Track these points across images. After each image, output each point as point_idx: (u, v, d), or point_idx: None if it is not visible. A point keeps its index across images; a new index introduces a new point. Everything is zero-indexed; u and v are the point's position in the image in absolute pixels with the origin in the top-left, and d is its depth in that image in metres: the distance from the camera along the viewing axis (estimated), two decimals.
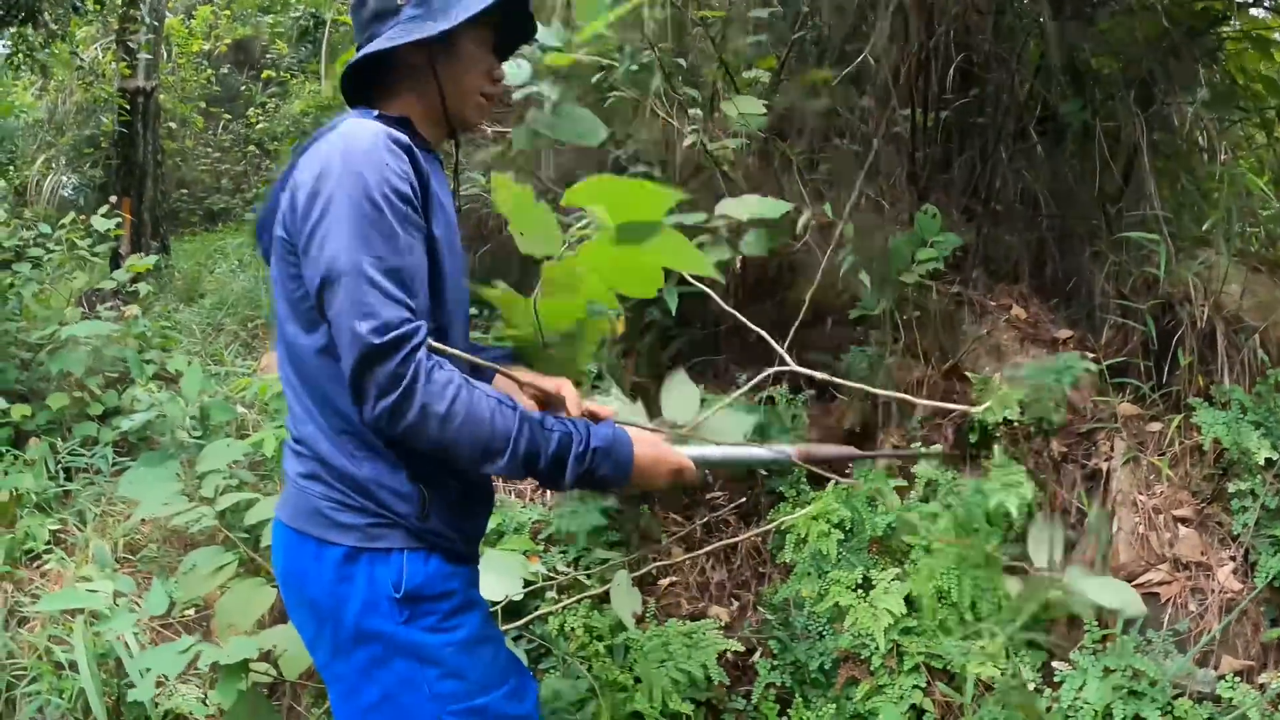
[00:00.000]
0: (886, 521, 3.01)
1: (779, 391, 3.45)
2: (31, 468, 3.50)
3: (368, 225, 1.36)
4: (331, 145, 1.43)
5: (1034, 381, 3.19)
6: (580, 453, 1.43)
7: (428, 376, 1.33)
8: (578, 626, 2.82)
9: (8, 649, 2.84)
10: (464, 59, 1.59)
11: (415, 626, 1.46)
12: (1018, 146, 3.99)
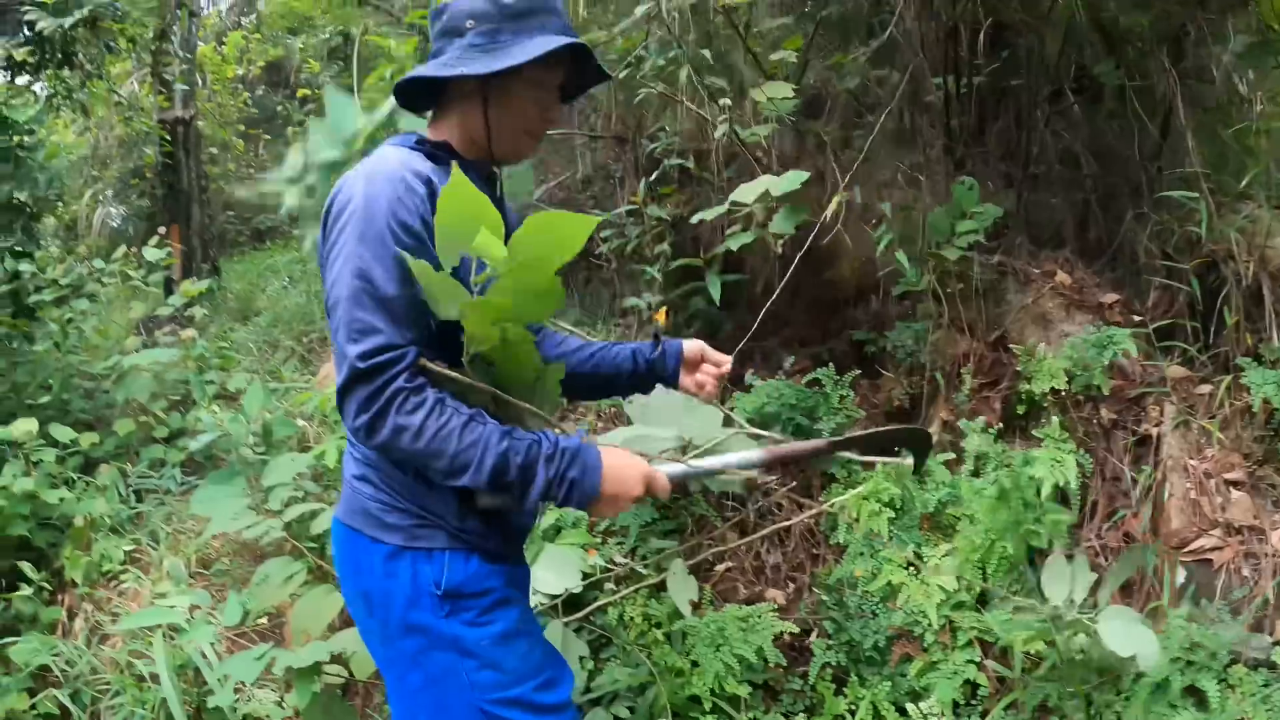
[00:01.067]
0: (937, 497, 3.12)
1: (825, 373, 3.55)
2: (103, 493, 3.78)
3: (370, 257, 1.51)
4: (358, 175, 1.60)
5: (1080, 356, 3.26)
6: (550, 454, 1.55)
7: (403, 399, 1.48)
8: (636, 615, 2.98)
9: (91, 665, 3.09)
10: (514, 97, 1.70)
11: (455, 620, 1.64)
12: (1054, 109, 4.04)
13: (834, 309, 4.14)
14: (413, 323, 1.53)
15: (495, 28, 1.64)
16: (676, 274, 3.78)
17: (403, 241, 1.52)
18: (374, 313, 1.49)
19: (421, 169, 1.60)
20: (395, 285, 1.51)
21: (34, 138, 4.68)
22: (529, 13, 1.66)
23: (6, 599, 3.39)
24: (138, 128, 7.48)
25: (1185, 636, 2.54)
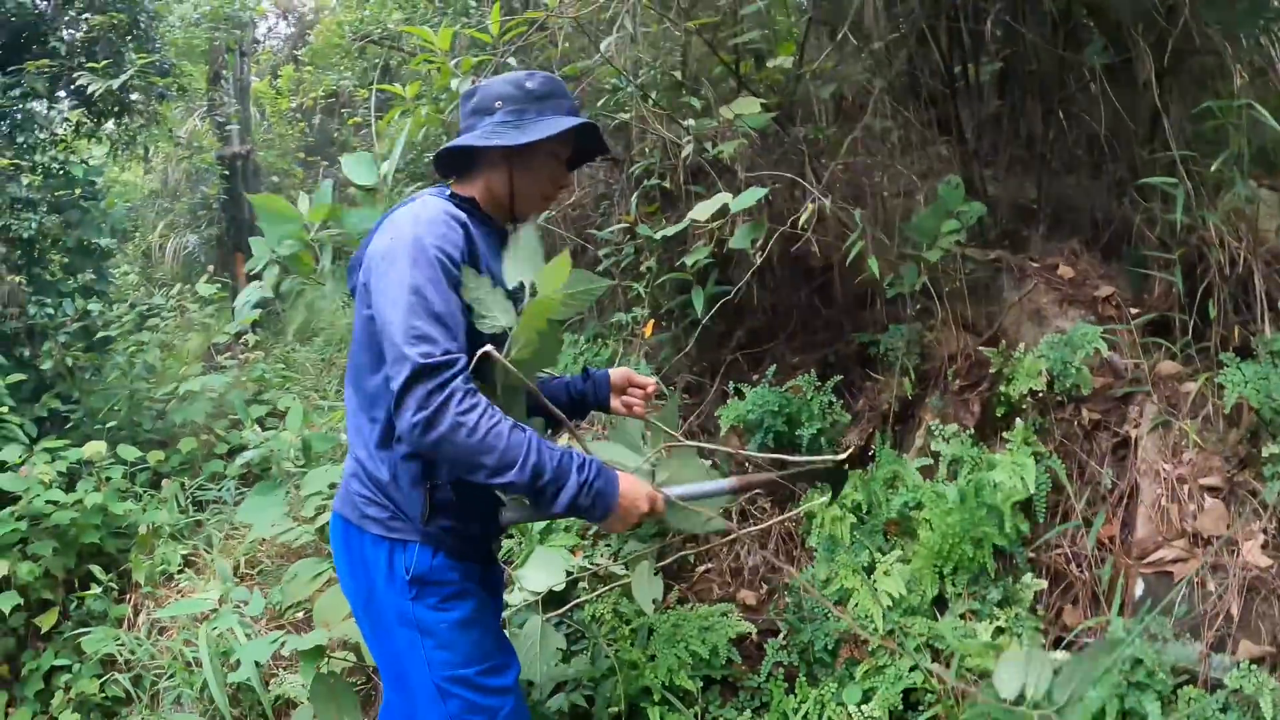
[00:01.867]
0: (902, 501, 3.28)
1: (806, 379, 3.74)
2: (165, 504, 4.41)
3: (423, 278, 1.87)
4: (405, 214, 2.00)
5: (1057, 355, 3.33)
6: (580, 464, 1.87)
7: (461, 398, 1.79)
8: (607, 612, 3.31)
9: (150, 653, 3.68)
10: (535, 166, 2.13)
11: (420, 604, 2.07)
12: (1068, 91, 4.06)
13: (840, 311, 4.28)
14: (460, 341, 1.87)
15: (521, 108, 2.08)
16: (673, 287, 4.03)
17: (448, 268, 1.90)
18: (430, 323, 1.83)
19: (458, 213, 2.02)
20: (444, 303, 1.86)
21: (95, 187, 5.37)
22: (548, 95, 2.10)
23: (80, 597, 4.08)
24: (199, 164, 8.27)
25: (1128, 654, 2.57)
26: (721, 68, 3.80)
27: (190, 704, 3.56)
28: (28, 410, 4.89)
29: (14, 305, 4.99)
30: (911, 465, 3.42)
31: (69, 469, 4.37)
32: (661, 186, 3.79)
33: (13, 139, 5.50)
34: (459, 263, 1.92)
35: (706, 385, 4.01)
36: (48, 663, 4.05)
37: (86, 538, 4.15)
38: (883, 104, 4.06)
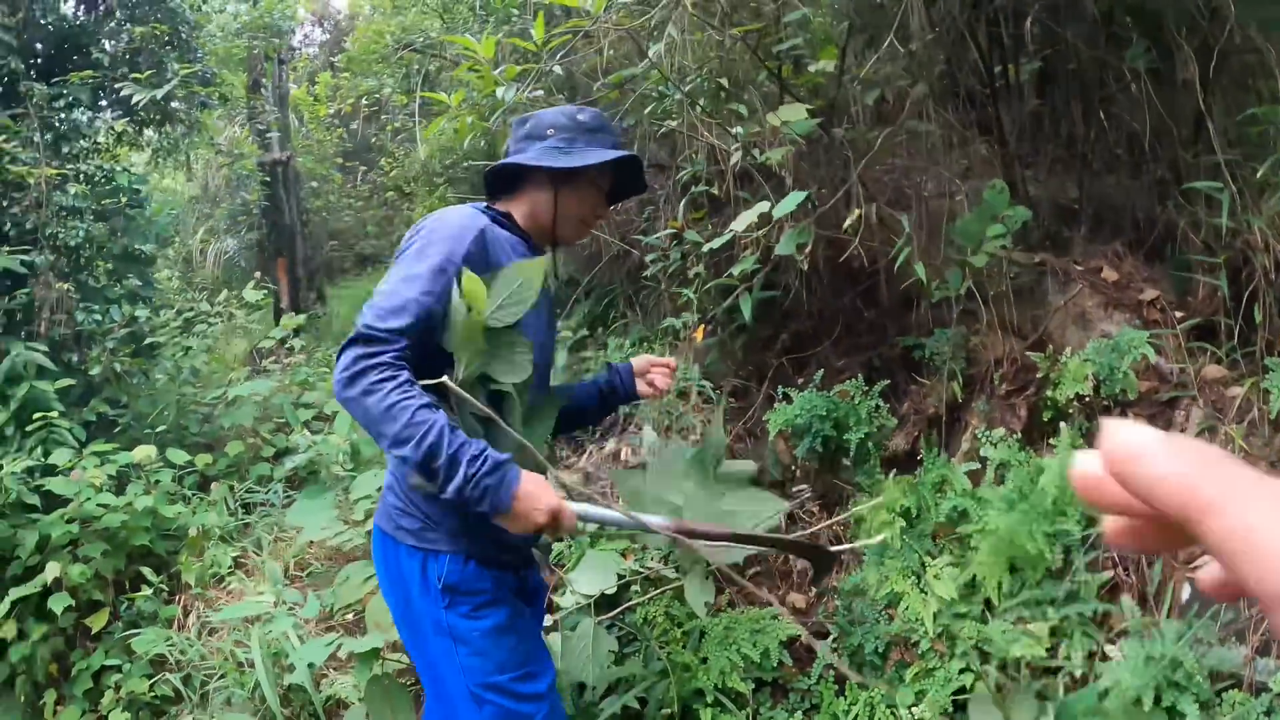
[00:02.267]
0: (951, 505, 3.29)
1: (854, 384, 3.75)
2: (214, 507, 4.47)
3: (419, 268, 1.97)
4: (435, 216, 2.13)
5: (1104, 360, 3.32)
6: (474, 456, 1.86)
7: (382, 369, 1.85)
8: (659, 615, 3.33)
9: (200, 654, 3.73)
10: (578, 192, 2.22)
11: (453, 612, 2.12)
12: (1108, 91, 4.05)
13: (886, 316, 4.30)
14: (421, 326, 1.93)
15: (571, 137, 2.17)
16: (719, 291, 4.06)
17: (443, 268, 1.98)
18: (396, 306, 1.92)
19: (480, 222, 2.10)
20: (421, 294, 1.94)
21: (141, 194, 5.47)
22: (598, 130, 2.21)
23: (130, 599, 4.14)
24: (239, 171, 8.39)
25: (1169, 656, 2.59)
26: (765, 74, 3.81)
27: (240, 704, 3.61)
28: (76, 414, 4.97)
29: (62, 311, 5.07)
30: (959, 469, 3.42)
31: (118, 472, 4.44)
32: (709, 193, 3.81)
33: (58, 149, 5.59)
34: (459, 264, 1.99)
35: (753, 389, 4.03)
36: (98, 662, 4.11)
37: (136, 540, 4.22)
38: (923, 105, 4.09)
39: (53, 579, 4.08)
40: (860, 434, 3.60)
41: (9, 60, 5.48)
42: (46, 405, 4.70)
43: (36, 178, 5.19)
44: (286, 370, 5.10)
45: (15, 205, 5.25)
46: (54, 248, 5.26)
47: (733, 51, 3.76)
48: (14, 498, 4.25)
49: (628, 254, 4.56)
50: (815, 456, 3.66)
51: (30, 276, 5.16)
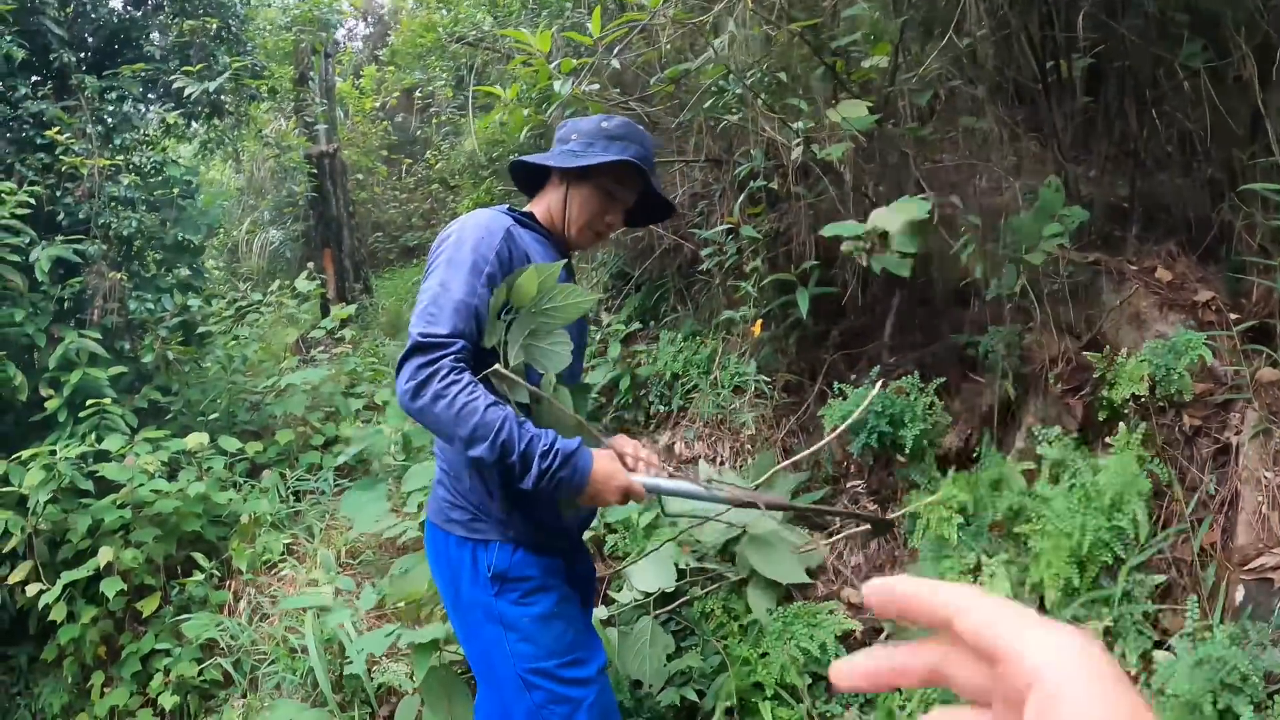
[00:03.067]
0: (1008, 504, 3.26)
1: (910, 381, 3.73)
2: (265, 494, 4.50)
3: (454, 273, 2.02)
4: (461, 220, 2.18)
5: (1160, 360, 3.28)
6: (545, 451, 1.93)
7: (446, 373, 1.90)
8: (717, 609, 3.33)
9: (251, 639, 3.75)
10: (586, 195, 2.28)
11: (502, 600, 2.16)
12: (1161, 90, 4.01)
13: (938, 313, 4.27)
14: (469, 328, 1.99)
15: (590, 141, 2.26)
16: (774, 287, 4.05)
17: (481, 269, 2.03)
18: (444, 310, 1.97)
19: (505, 222, 2.16)
20: (465, 296, 1.99)
21: (192, 185, 5.52)
22: (621, 137, 2.27)
23: (182, 584, 4.16)
24: (286, 163, 8.46)
25: (1222, 660, 2.55)
26: (821, 69, 3.79)
27: (291, 689, 3.63)
28: (128, 401, 5.02)
29: (114, 300, 5.12)
30: (1016, 468, 3.39)
31: (170, 459, 4.47)
32: (767, 187, 3.80)
33: (109, 140, 5.65)
34: (493, 264, 2.04)
35: (806, 385, 4.01)
36: (147, 646, 4.15)
37: (188, 525, 4.25)
38: (975, 102, 4.06)
39: (105, 563, 4.12)
40: (916, 430, 3.57)
41: (61, 54, 5.53)
42: (99, 392, 4.75)
43: (89, 168, 5.23)
44: (335, 360, 5.14)
45: (68, 195, 5.30)
46: (106, 237, 5.31)
47: (789, 46, 3.75)
48: (67, 482, 4.29)
49: (680, 247, 4.56)
50: (870, 453, 3.64)
51: (83, 265, 5.21)
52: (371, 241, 10.85)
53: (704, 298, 4.56)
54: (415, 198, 11.16)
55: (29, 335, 4.86)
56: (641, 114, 4.24)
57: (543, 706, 2.16)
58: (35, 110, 5.30)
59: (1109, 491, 3.06)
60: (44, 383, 4.83)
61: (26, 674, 4.72)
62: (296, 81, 8.20)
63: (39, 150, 5.32)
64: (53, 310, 5.08)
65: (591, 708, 2.19)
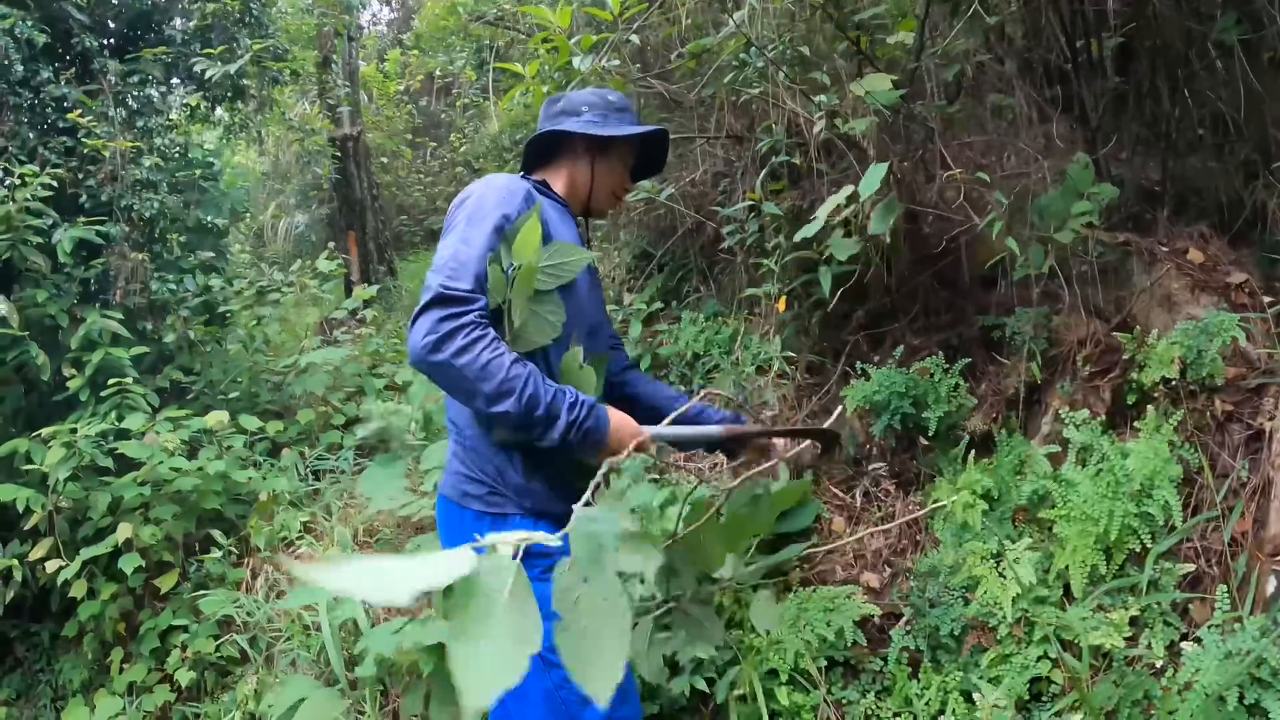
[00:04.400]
0: (1031, 489, 3.17)
1: (935, 362, 3.65)
2: (285, 472, 4.48)
3: (474, 231, 1.98)
4: (478, 183, 2.16)
5: (1192, 342, 3.19)
6: (573, 402, 1.92)
7: (471, 328, 1.85)
8: (727, 600, 3.26)
9: (268, 616, 3.73)
10: (611, 164, 2.34)
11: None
12: (1193, 69, 3.90)
13: (964, 295, 4.18)
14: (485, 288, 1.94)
15: (604, 114, 2.29)
16: (796, 265, 3.97)
17: (500, 224, 2.00)
18: (466, 265, 1.93)
19: (524, 185, 2.15)
20: (483, 256, 1.95)
21: (214, 168, 5.52)
22: (625, 109, 2.34)
23: (200, 560, 4.16)
24: (310, 147, 8.46)
25: (1251, 652, 2.45)
26: (844, 44, 3.71)
27: (306, 666, 3.61)
28: (150, 381, 5.03)
29: (137, 281, 5.12)
30: (1040, 451, 3.31)
31: (190, 437, 4.47)
32: (790, 163, 3.72)
33: (132, 124, 5.65)
34: (516, 222, 2.01)
35: (829, 366, 3.94)
36: (165, 622, 4.15)
37: (207, 503, 4.25)
38: (1004, 80, 3.96)
39: (124, 540, 4.12)
40: (940, 412, 3.49)
41: (83, 38, 5.53)
42: (121, 372, 4.76)
43: (111, 151, 5.24)
44: (357, 341, 5.13)
45: (91, 178, 5.31)
46: (129, 219, 5.31)
47: (812, 21, 3.67)
48: (88, 460, 4.30)
49: (702, 227, 4.49)
50: (892, 435, 3.56)
51: (106, 247, 5.22)
52: (396, 225, 10.85)
53: (726, 277, 4.51)
54: (439, 181, 11.17)
55: (52, 316, 4.87)
56: (663, 90, 4.18)
57: (560, 687, 2.10)
58: (58, 95, 5.31)
59: (1138, 476, 2.97)
60: (66, 363, 4.84)
61: (49, 651, 4.75)
62: (320, 65, 8.19)
63: (61, 134, 5.33)
64: (76, 291, 5.10)
65: None
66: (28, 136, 5.21)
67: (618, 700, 2.14)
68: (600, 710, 2.08)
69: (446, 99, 10.51)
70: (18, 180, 4.84)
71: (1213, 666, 2.47)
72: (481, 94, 7.56)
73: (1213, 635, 2.56)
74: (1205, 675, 2.46)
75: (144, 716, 3.99)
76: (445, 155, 11.04)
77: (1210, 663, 2.48)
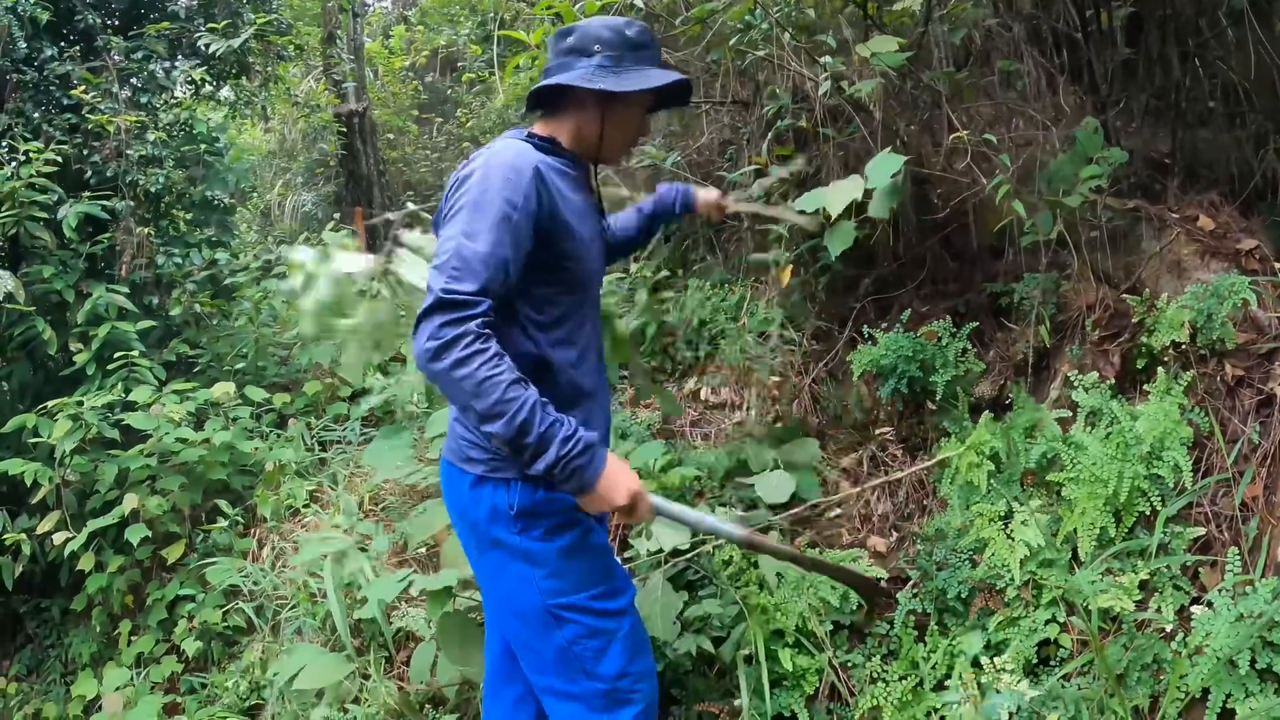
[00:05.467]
0: (1040, 452, 3.16)
1: (942, 325, 3.63)
2: (291, 443, 4.49)
3: (478, 220, 1.88)
4: (482, 158, 2.01)
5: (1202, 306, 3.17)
6: (567, 436, 1.84)
7: (471, 340, 1.78)
8: (736, 555, 3.25)
9: (274, 584, 3.75)
10: (625, 114, 2.16)
11: (526, 537, 2.06)
12: (1203, 38, 3.87)
13: (972, 262, 4.15)
14: (496, 283, 1.86)
15: (619, 55, 2.08)
16: (803, 230, 3.91)
17: (508, 213, 1.89)
18: (469, 265, 1.83)
19: (532, 159, 1.99)
20: (492, 248, 1.86)
21: (219, 144, 5.52)
22: (644, 45, 2.12)
23: (206, 531, 4.17)
24: (316, 123, 8.45)
25: (1263, 615, 2.43)
26: (851, 7, 3.69)
27: (311, 633, 3.62)
28: (156, 355, 5.05)
29: (143, 256, 5.14)
30: (1050, 415, 3.29)
31: (197, 409, 4.48)
32: (796, 126, 3.70)
33: (136, 100, 5.65)
34: (523, 209, 1.91)
35: (835, 333, 3.93)
36: (172, 593, 4.18)
37: (213, 474, 4.27)
38: (1012, 48, 3.93)
39: (130, 511, 4.13)
40: (947, 376, 3.47)
41: (86, 15, 5.54)
42: (127, 346, 4.77)
43: (116, 126, 5.24)
44: None
45: (96, 154, 5.31)
46: (134, 195, 5.32)
47: None
48: (94, 433, 4.31)
49: None
50: (900, 399, 3.55)
51: (111, 222, 5.23)
52: (403, 200, 10.85)
53: (733, 245, 4.49)
54: (446, 157, 11.13)
55: (58, 292, 4.89)
56: (668, 57, 4.15)
57: (574, 642, 2.10)
58: (62, 72, 5.31)
59: (1148, 438, 2.95)
60: (73, 338, 4.86)
61: (59, 626, 4.78)
62: (325, 41, 8.19)
63: (66, 111, 5.34)
64: (82, 267, 5.12)
65: (625, 638, 2.14)
66: (32, 114, 5.22)
67: (631, 654, 2.15)
68: (615, 664, 2.10)
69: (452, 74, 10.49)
70: (23, 157, 4.85)
71: (1223, 630, 2.45)
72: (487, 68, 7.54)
73: (1223, 599, 2.55)
74: (1216, 639, 2.45)
75: (151, 687, 4.00)
76: (451, 131, 11.02)
77: (1221, 626, 2.47)
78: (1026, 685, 2.62)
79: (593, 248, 2.16)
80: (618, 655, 2.12)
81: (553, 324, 2.08)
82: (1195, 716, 2.46)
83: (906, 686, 2.84)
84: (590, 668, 2.11)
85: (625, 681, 2.13)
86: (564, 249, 2.03)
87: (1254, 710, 2.34)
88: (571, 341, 2.12)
